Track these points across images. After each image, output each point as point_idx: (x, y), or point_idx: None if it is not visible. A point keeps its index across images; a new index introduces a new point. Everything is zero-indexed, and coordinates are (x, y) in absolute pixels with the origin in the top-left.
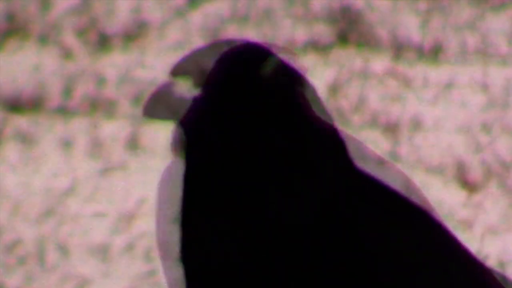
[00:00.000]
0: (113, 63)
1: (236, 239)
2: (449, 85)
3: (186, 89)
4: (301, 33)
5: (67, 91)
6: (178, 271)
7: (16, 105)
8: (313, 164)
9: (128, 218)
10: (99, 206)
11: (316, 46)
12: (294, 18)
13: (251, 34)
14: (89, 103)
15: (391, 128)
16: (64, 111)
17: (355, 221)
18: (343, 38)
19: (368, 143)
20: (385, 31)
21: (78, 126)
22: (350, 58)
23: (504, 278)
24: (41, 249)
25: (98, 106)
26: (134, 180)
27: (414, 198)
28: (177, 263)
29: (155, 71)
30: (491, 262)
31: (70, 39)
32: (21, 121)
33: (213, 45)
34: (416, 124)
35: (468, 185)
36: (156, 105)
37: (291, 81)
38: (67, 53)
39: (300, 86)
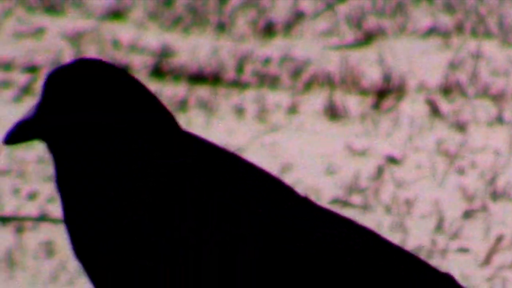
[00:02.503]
0: (276, 45)
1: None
2: None
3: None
4: (426, 22)
5: (240, 68)
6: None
7: (199, 79)
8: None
9: (286, 168)
10: (259, 160)
11: (438, 32)
12: (421, 10)
13: (386, 22)
14: (257, 77)
15: (498, 97)
16: (237, 84)
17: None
18: (460, 26)
19: (480, 109)
20: (493, 20)
21: (249, 96)
22: (466, 42)
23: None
24: None
25: (264, 80)
26: (293, 139)
27: None
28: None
29: (309, 52)
30: None
31: (242, 26)
32: (203, 92)
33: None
34: None
35: None
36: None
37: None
38: (239, 38)
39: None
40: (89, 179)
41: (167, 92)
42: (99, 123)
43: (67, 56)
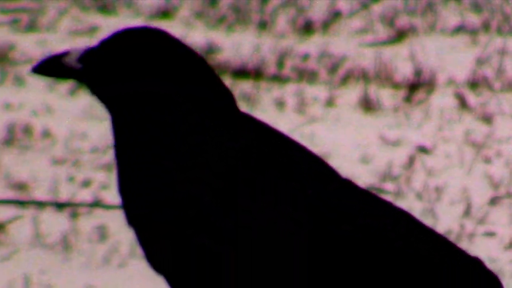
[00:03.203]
0: (315, 42)
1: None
2: None
3: (74, 61)
4: (455, 20)
5: (280, 63)
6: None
7: (242, 74)
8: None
9: (323, 158)
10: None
11: (466, 30)
12: (450, 9)
13: (417, 21)
14: (297, 72)
15: None
16: (278, 78)
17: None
18: (486, 24)
19: (505, 102)
20: None
21: (289, 90)
22: (492, 39)
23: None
24: None
25: (303, 75)
26: (330, 129)
27: None
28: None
29: (345, 49)
30: None
31: (282, 24)
32: (246, 86)
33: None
34: None
35: None
36: (46, 65)
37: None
38: (280, 35)
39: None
40: (147, 148)
41: None
42: (160, 92)
43: None
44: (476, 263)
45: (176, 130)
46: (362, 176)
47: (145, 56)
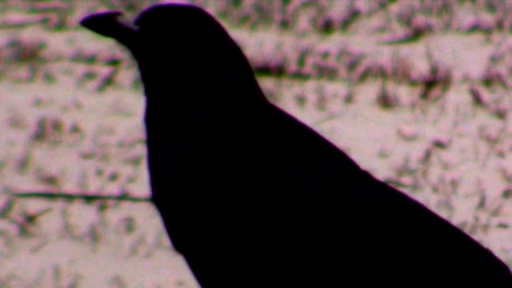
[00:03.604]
0: (334, 41)
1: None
2: None
3: (130, 22)
4: (470, 20)
5: (301, 61)
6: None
7: (264, 71)
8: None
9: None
10: None
11: (481, 29)
12: (465, 9)
13: (434, 20)
14: (317, 70)
15: None
16: (299, 76)
17: None
18: (500, 23)
19: None
20: None
21: (309, 87)
22: (505, 38)
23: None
24: None
25: (324, 72)
26: (349, 125)
27: None
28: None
29: (364, 47)
30: None
31: (303, 24)
32: (268, 83)
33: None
34: None
35: None
36: (100, 22)
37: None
38: (301, 34)
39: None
40: (179, 125)
41: None
42: (195, 71)
43: None
44: (487, 253)
45: (208, 110)
46: (380, 170)
47: (187, 34)
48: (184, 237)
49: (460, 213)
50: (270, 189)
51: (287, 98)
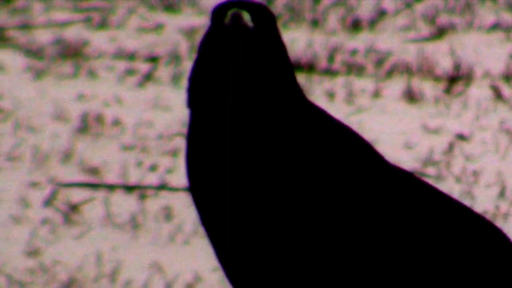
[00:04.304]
0: (362, 39)
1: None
2: None
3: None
4: (491, 19)
5: (331, 58)
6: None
7: (296, 67)
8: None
9: (372, 143)
10: None
11: (501, 28)
12: (486, 8)
13: (457, 19)
14: (346, 66)
15: None
16: (329, 72)
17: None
18: None
19: None
20: None
21: (338, 82)
22: None
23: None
24: None
25: (352, 69)
26: (376, 119)
27: None
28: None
29: (391, 45)
30: None
31: (332, 22)
32: (299, 79)
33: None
34: None
35: None
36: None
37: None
38: (331, 32)
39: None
40: (220, 127)
41: None
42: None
43: (184, 48)
44: (508, 239)
45: (251, 109)
46: (405, 162)
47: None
48: (219, 228)
49: (481, 202)
50: (312, 189)
51: (318, 93)
